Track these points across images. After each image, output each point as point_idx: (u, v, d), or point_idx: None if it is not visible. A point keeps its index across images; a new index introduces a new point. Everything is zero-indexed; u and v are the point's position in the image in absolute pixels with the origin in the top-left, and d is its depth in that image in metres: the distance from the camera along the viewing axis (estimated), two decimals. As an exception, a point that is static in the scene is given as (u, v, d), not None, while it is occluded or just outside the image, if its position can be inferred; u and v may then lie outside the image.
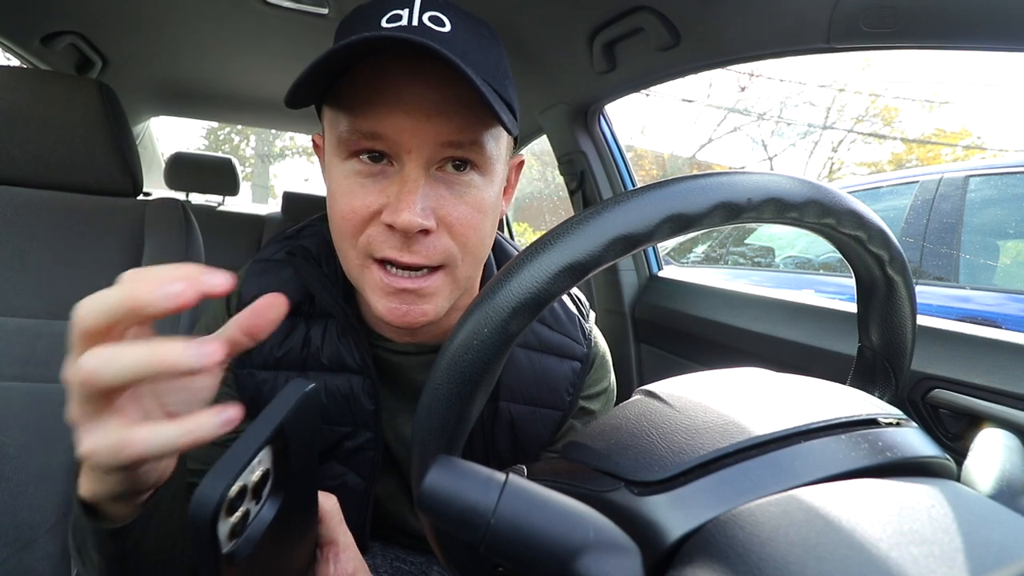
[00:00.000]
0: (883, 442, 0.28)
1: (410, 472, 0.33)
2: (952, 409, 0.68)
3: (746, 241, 3.62)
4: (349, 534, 0.40)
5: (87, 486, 0.33)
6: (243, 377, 0.55)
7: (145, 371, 0.25)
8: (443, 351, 0.28)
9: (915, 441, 0.29)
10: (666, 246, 3.45)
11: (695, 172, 0.29)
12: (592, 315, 0.65)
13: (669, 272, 1.39)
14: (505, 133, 0.49)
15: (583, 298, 0.66)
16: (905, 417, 0.32)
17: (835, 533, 0.22)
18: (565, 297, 0.64)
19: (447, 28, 0.44)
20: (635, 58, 1.01)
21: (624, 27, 0.93)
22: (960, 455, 0.31)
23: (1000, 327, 0.75)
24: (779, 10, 0.75)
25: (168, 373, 0.25)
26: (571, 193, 1.45)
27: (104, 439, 0.27)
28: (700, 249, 4.07)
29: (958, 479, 0.30)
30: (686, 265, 3.96)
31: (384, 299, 0.47)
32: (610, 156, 1.37)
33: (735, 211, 0.28)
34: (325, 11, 1.06)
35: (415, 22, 0.43)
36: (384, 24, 0.44)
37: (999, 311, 1.86)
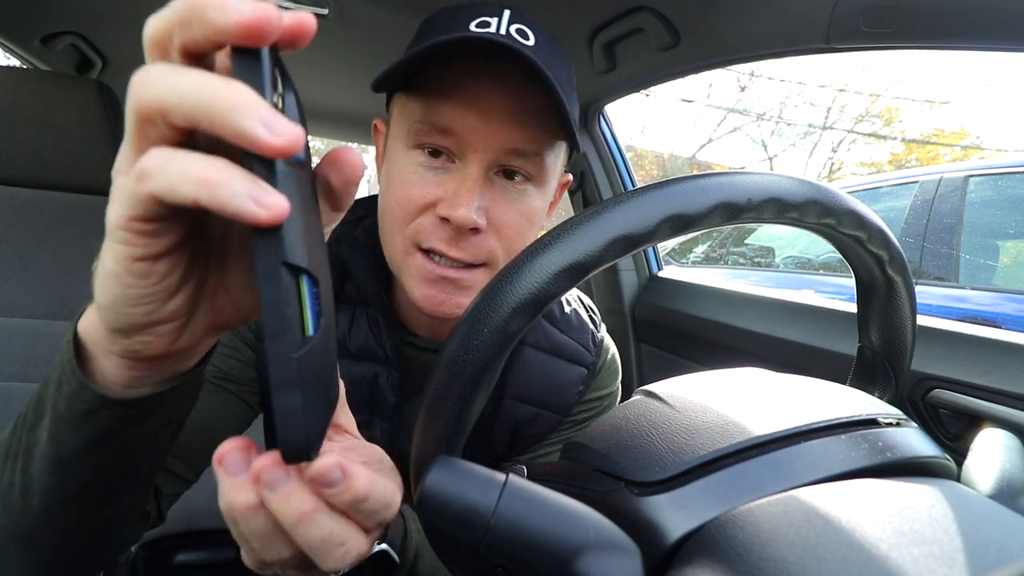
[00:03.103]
0: (883, 442, 0.28)
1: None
2: (952, 409, 0.68)
3: (746, 241, 3.62)
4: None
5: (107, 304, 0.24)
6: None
7: (208, 103, 0.19)
8: (443, 351, 0.28)
9: (915, 441, 0.29)
10: (666, 246, 3.45)
11: (695, 172, 0.29)
12: (603, 327, 0.66)
13: (669, 272, 1.39)
14: (563, 151, 0.51)
15: (596, 310, 0.67)
16: (905, 417, 0.32)
17: (835, 533, 0.22)
18: (579, 306, 0.64)
19: (531, 42, 0.45)
20: (635, 58, 1.01)
21: (624, 27, 0.93)
22: (960, 455, 0.31)
23: (1000, 327, 0.75)
24: (779, 10, 0.75)
25: (229, 126, 0.19)
26: (571, 193, 1.45)
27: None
28: (700, 249, 4.07)
29: (958, 479, 0.30)
30: (686, 265, 3.96)
31: (423, 285, 0.48)
32: (610, 156, 1.37)
33: (735, 211, 0.28)
34: (325, 11, 1.06)
35: (503, 31, 0.44)
36: (473, 28, 0.44)
37: (996, 311, 1.86)
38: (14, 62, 1.28)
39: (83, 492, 0.31)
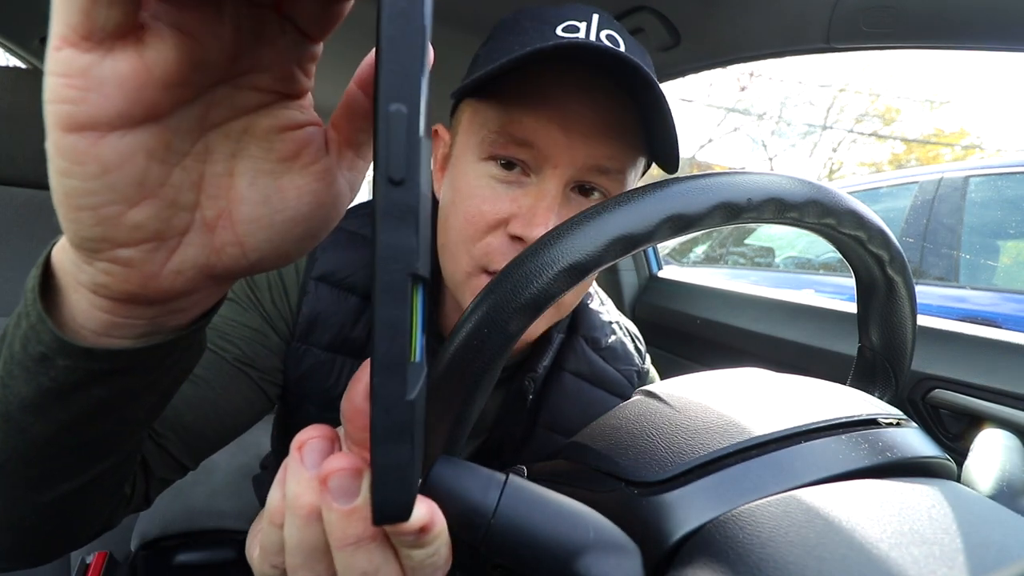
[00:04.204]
0: (883, 442, 0.28)
1: None
2: (952, 409, 0.68)
3: (746, 241, 3.62)
4: None
5: (78, 224, 0.18)
6: (299, 352, 0.51)
7: None
8: (443, 351, 0.28)
9: (915, 441, 0.29)
10: (666, 246, 3.44)
11: (695, 172, 0.29)
12: (648, 358, 0.64)
13: (669, 272, 1.39)
14: (642, 165, 0.48)
15: (642, 340, 0.65)
16: (905, 417, 0.32)
17: (835, 533, 0.22)
18: (624, 336, 0.63)
19: (623, 49, 0.41)
20: (635, 58, 1.01)
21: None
22: (960, 455, 0.31)
23: (1000, 327, 0.75)
24: (779, 10, 0.75)
25: None
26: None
27: None
28: (700, 249, 4.07)
29: (958, 479, 0.30)
30: (686, 265, 3.96)
31: None
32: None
33: (735, 211, 0.28)
34: None
35: (592, 37, 0.41)
36: (560, 33, 0.41)
37: (996, 311, 1.86)
38: (14, 62, 1.28)
39: (33, 458, 0.26)
